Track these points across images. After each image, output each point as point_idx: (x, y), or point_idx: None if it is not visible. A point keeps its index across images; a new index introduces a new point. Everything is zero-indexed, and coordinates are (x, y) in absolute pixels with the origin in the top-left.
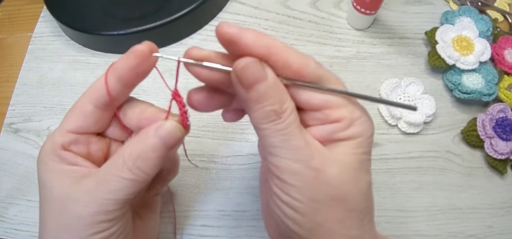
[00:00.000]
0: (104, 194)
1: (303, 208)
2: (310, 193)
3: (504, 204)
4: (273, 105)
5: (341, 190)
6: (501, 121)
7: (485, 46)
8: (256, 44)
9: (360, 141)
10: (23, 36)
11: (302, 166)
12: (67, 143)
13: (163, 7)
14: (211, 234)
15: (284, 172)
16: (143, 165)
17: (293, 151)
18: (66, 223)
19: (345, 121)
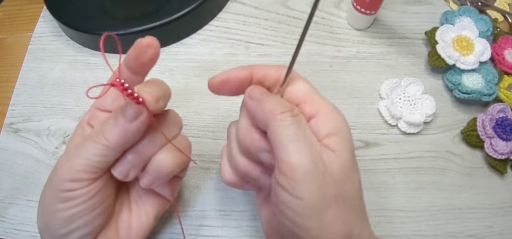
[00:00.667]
0: (78, 150)
1: (312, 211)
2: (319, 192)
3: (504, 204)
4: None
5: (342, 189)
6: (501, 121)
7: (485, 46)
8: (241, 75)
9: (346, 137)
10: (23, 36)
11: (316, 162)
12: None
13: (163, 7)
14: (211, 234)
15: (297, 170)
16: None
17: (309, 144)
18: (52, 175)
19: (321, 116)
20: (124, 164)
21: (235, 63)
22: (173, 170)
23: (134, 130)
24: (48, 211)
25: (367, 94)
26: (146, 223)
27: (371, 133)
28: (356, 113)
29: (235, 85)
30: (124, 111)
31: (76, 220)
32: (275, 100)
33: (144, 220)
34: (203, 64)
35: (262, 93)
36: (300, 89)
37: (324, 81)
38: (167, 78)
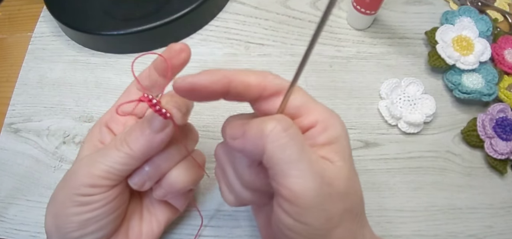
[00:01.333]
0: (98, 157)
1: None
2: (326, 214)
3: (504, 204)
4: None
5: (348, 201)
6: (501, 121)
7: (485, 46)
8: (213, 81)
9: (344, 144)
10: (23, 36)
11: (321, 184)
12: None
13: (163, 7)
14: (211, 234)
15: (302, 198)
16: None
17: (310, 164)
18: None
19: (320, 124)
20: (141, 176)
21: (235, 63)
22: (186, 186)
23: (159, 142)
24: (61, 213)
25: (367, 94)
26: (157, 230)
27: (371, 133)
28: (356, 113)
29: (204, 95)
30: (151, 122)
31: (90, 225)
32: (259, 121)
33: (154, 227)
34: (203, 64)
35: (241, 125)
36: (296, 99)
37: (324, 81)
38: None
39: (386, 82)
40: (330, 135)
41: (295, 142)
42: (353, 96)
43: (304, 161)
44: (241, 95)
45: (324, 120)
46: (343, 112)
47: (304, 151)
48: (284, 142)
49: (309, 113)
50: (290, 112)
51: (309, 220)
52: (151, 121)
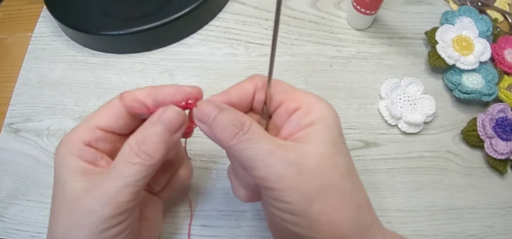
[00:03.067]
0: (115, 182)
1: (297, 208)
2: (299, 190)
3: (504, 204)
4: (231, 121)
5: (325, 178)
6: (501, 121)
7: (485, 46)
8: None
9: (327, 124)
10: (23, 36)
11: (282, 166)
12: (94, 139)
13: (163, 7)
14: (211, 234)
15: (269, 180)
16: (148, 149)
17: (269, 155)
18: (76, 220)
19: (305, 107)
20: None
21: (235, 63)
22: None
23: (175, 141)
24: None
25: (367, 94)
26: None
27: (371, 133)
28: (356, 113)
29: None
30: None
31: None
32: (220, 129)
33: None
34: (203, 64)
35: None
36: (281, 89)
37: (324, 81)
38: (167, 78)
39: (386, 82)
40: (312, 118)
41: (252, 141)
42: (353, 96)
43: (263, 152)
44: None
45: (309, 104)
46: (343, 112)
47: (263, 144)
48: (242, 145)
49: (295, 99)
50: (277, 98)
51: (285, 198)
52: (167, 122)
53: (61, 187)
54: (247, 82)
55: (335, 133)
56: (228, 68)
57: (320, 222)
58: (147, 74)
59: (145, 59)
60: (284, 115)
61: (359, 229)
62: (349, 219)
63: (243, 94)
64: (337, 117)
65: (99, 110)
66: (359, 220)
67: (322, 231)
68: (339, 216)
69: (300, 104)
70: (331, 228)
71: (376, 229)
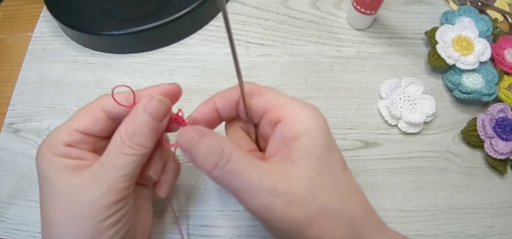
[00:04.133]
0: (112, 173)
1: (291, 235)
2: (290, 219)
3: (504, 204)
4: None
5: (316, 203)
6: (501, 121)
7: (485, 46)
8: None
9: (312, 137)
10: (23, 36)
11: (270, 198)
12: (74, 141)
13: (163, 7)
14: (211, 234)
15: (259, 212)
16: (138, 139)
17: (254, 188)
18: (76, 214)
19: (288, 118)
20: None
21: None
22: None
23: (162, 129)
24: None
25: (367, 94)
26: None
27: (371, 133)
28: (356, 113)
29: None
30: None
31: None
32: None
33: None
34: (203, 64)
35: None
36: (262, 98)
37: (324, 81)
38: (167, 78)
39: (386, 82)
40: (296, 129)
41: (235, 173)
42: (353, 96)
43: (249, 185)
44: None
45: (292, 114)
46: (343, 112)
47: (248, 175)
48: (224, 177)
49: (278, 107)
50: (259, 107)
51: (278, 227)
52: (153, 111)
53: (51, 187)
54: (231, 90)
55: (322, 145)
56: (228, 68)
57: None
58: (147, 74)
59: (145, 59)
60: (267, 126)
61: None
62: (346, 236)
63: (227, 102)
64: (324, 125)
65: (79, 112)
66: (356, 233)
67: None
68: (335, 236)
69: (283, 114)
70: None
71: (377, 235)
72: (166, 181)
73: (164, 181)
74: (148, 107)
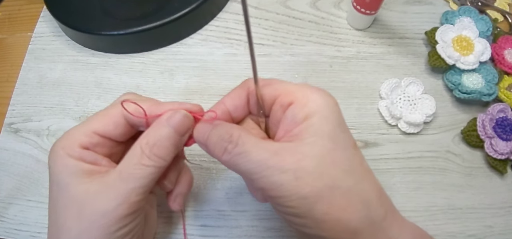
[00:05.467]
0: (128, 183)
1: (300, 211)
2: (298, 195)
3: (504, 204)
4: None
5: (326, 179)
6: (501, 121)
7: (485, 46)
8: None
9: (324, 115)
10: (23, 36)
11: (279, 175)
12: (91, 144)
13: (163, 7)
14: (211, 234)
15: (268, 190)
16: (159, 151)
17: (263, 166)
18: (88, 222)
19: (299, 101)
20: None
21: (235, 63)
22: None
23: (183, 143)
24: None
25: (367, 94)
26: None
27: (371, 133)
28: (356, 113)
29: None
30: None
31: None
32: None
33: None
34: (203, 64)
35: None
36: (273, 87)
37: (324, 81)
38: (167, 78)
39: (386, 82)
40: (307, 110)
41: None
42: (353, 96)
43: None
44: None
45: (303, 96)
46: (343, 112)
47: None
48: (235, 160)
49: (288, 93)
50: (271, 95)
51: (287, 203)
52: (177, 125)
53: (64, 191)
54: (239, 88)
55: (333, 123)
56: (228, 68)
57: (325, 222)
58: (147, 74)
59: (145, 59)
60: (279, 111)
61: (369, 224)
62: (357, 216)
63: (238, 101)
64: (335, 105)
65: (98, 115)
66: (369, 215)
67: (329, 229)
68: (345, 215)
69: (294, 98)
70: (338, 226)
71: (390, 221)
72: (180, 194)
73: (179, 194)
74: (172, 121)
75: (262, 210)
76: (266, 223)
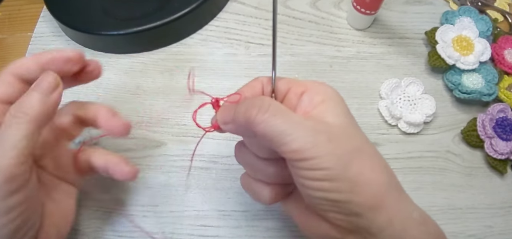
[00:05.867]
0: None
1: (335, 172)
2: (334, 154)
3: (504, 204)
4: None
5: (354, 142)
6: (501, 121)
7: (485, 46)
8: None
9: (336, 101)
10: (23, 36)
11: (314, 136)
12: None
13: (163, 7)
14: (211, 234)
15: (304, 150)
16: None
17: (298, 126)
18: None
19: (313, 89)
20: None
21: (235, 63)
22: None
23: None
24: None
25: (367, 94)
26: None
27: (371, 133)
28: (356, 113)
29: None
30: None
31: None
32: (244, 108)
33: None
34: (203, 64)
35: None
36: (285, 80)
37: (324, 81)
38: (167, 78)
39: (386, 82)
40: (322, 96)
41: (278, 116)
42: (353, 96)
43: (292, 125)
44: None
45: (315, 86)
46: None
47: (289, 118)
48: (269, 121)
49: (300, 84)
50: (283, 88)
51: (323, 165)
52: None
53: None
54: (253, 81)
55: (345, 107)
56: (228, 68)
57: (358, 183)
58: (147, 74)
59: (145, 59)
60: (293, 98)
61: (394, 189)
62: (383, 180)
63: (253, 91)
64: (342, 97)
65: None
66: (391, 181)
67: (361, 192)
68: (374, 176)
69: (307, 88)
70: (370, 188)
71: (405, 193)
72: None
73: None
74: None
75: (263, 210)
76: (266, 223)
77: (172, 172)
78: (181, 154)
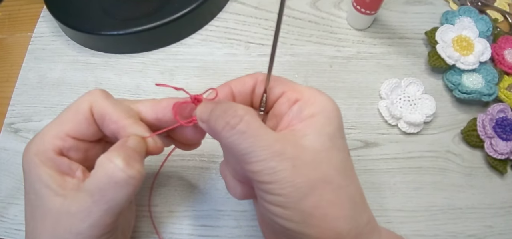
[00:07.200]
0: (99, 206)
1: (289, 201)
2: (292, 183)
3: (504, 204)
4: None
5: (320, 172)
6: (501, 121)
7: (485, 46)
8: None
9: (327, 116)
10: (23, 36)
11: (278, 161)
12: (65, 148)
13: (163, 7)
14: (211, 234)
15: (263, 174)
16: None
17: (264, 150)
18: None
19: (307, 99)
20: None
21: (235, 63)
22: None
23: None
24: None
25: (367, 94)
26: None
27: (371, 133)
28: (356, 113)
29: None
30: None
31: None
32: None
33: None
34: (203, 64)
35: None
36: (282, 81)
37: (324, 81)
38: (167, 78)
39: (386, 82)
40: (313, 109)
41: (246, 135)
42: (353, 96)
43: (259, 147)
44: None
45: (311, 96)
46: (343, 112)
47: (257, 139)
48: (234, 139)
49: (296, 90)
50: (278, 89)
51: (278, 191)
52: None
53: (40, 201)
54: (247, 76)
55: (335, 126)
56: (228, 68)
57: (313, 216)
58: (147, 74)
59: (145, 59)
60: (285, 104)
61: (354, 226)
62: (344, 215)
63: (243, 87)
64: (338, 111)
65: (69, 113)
66: (354, 216)
67: (315, 225)
68: (333, 211)
69: (302, 96)
70: (325, 223)
71: (372, 227)
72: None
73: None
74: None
75: None
76: None
77: (172, 172)
78: (181, 154)
